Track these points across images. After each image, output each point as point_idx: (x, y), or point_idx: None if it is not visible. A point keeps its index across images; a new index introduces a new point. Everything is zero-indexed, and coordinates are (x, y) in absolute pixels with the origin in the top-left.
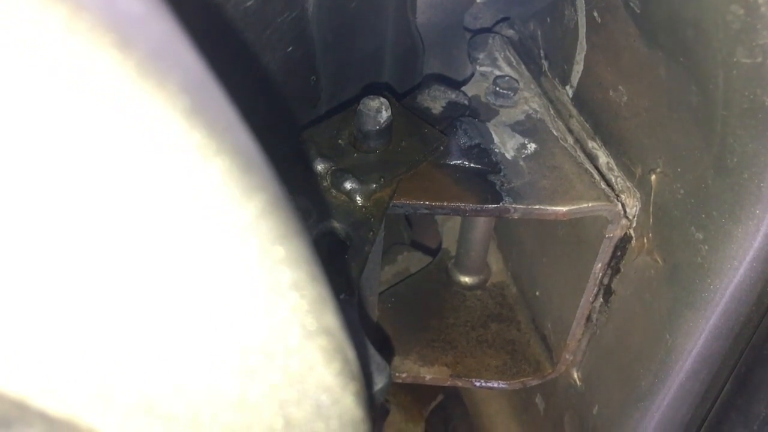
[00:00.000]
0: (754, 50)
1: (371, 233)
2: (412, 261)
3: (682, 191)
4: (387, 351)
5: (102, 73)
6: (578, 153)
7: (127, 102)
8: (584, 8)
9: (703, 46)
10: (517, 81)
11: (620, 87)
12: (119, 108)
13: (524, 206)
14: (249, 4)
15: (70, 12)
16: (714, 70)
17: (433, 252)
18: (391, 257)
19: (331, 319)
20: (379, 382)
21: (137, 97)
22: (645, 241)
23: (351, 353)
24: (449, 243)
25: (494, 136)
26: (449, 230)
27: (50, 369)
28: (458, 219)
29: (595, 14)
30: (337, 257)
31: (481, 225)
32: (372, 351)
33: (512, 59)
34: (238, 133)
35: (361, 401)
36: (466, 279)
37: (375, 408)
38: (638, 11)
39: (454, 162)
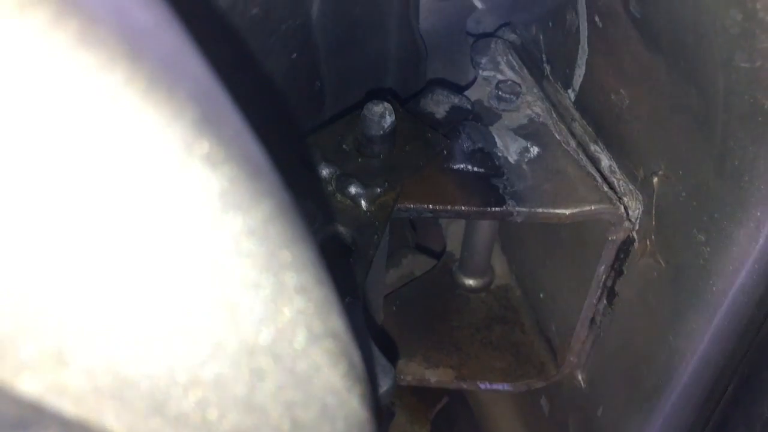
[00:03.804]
0: (753, 54)
1: (376, 237)
2: (417, 264)
3: (684, 194)
4: (392, 354)
5: (113, 85)
6: (581, 156)
7: (137, 112)
8: (586, 13)
9: (703, 51)
10: (519, 85)
11: (622, 91)
12: (130, 118)
13: (527, 209)
14: (254, 12)
15: (82, 25)
16: (714, 75)
17: (437, 255)
18: (396, 260)
19: (336, 322)
20: (384, 385)
21: (147, 108)
22: (648, 243)
23: (357, 356)
24: (453, 246)
25: (497, 139)
26: (453, 233)
27: (64, 370)
28: (462, 222)
29: (597, 19)
30: (343, 261)
31: (485, 228)
32: (377, 354)
33: (514, 63)
34: (245, 141)
35: (367, 403)
36: (470, 282)
37: (381, 410)
38: (639, 16)
39: (457, 166)
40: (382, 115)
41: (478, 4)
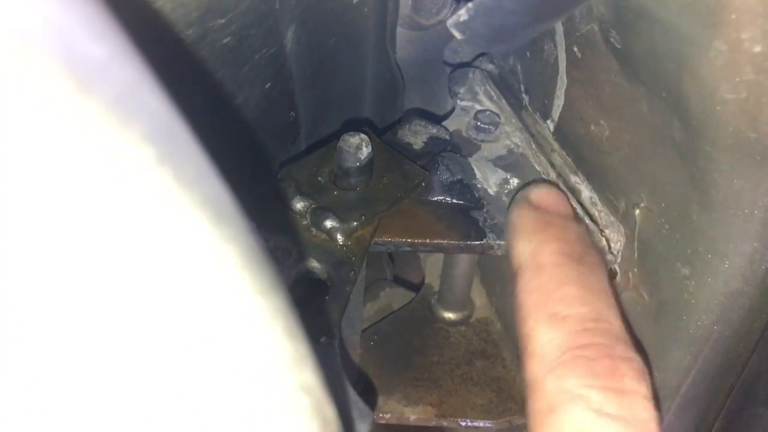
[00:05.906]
0: (738, 86)
1: (352, 273)
2: (395, 297)
3: (667, 226)
4: (370, 394)
5: (58, 125)
6: (561, 188)
7: (88, 153)
8: (564, 43)
9: (685, 82)
10: (498, 115)
11: (602, 121)
12: (79, 160)
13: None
14: (226, 41)
15: (22, 57)
16: (697, 106)
17: (416, 287)
18: (373, 293)
19: (309, 376)
20: (362, 430)
21: (99, 149)
22: (630, 276)
23: (331, 411)
24: (432, 278)
25: (476, 171)
26: (432, 265)
27: None
28: (441, 254)
29: (575, 49)
30: (318, 298)
31: (465, 261)
32: (354, 397)
33: (492, 93)
34: (208, 183)
35: None
36: (449, 315)
37: None
38: (619, 46)
39: (436, 198)
40: (359, 147)
41: (457, 35)
